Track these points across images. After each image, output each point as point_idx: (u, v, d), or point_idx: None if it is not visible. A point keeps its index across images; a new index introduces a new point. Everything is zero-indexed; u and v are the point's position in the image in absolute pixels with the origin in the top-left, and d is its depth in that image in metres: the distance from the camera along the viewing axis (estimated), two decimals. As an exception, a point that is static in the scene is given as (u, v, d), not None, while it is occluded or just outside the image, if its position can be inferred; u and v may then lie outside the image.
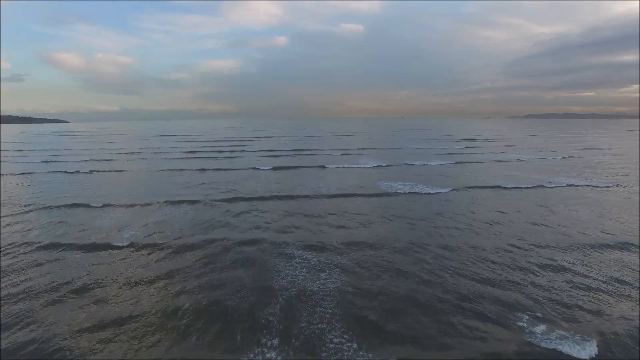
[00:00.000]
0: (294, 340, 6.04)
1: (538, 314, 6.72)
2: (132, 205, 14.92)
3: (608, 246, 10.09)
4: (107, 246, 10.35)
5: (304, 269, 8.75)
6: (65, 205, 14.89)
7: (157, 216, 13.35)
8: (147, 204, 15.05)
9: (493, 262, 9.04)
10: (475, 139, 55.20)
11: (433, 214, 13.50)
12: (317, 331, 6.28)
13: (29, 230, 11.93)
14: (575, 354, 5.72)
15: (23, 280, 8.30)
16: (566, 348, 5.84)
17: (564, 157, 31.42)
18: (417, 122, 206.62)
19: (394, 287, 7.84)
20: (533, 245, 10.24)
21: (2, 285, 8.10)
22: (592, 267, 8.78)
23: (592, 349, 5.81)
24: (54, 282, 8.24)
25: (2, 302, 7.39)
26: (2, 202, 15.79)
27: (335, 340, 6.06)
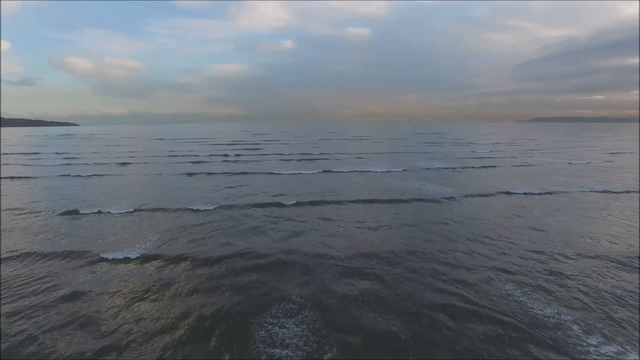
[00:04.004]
0: None
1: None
2: (161, 211, 14.05)
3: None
4: (135, 257, 9.18)
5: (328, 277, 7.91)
6: (74, 212, 13.80)
7: (179, 223, 12.26)
8: (168, 210, 13.95)
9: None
10: (497, 143, 53.60)
11: (468, 220, 12.61)
12: None
13: (46, 237, 10.89)
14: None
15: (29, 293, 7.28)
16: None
17: (589, 162, 29.63)
18: (428, 125, 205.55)
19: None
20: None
21: (11, 296, 7.33)
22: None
23: None
24: (63, 291, 7.52)
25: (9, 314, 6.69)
26: (17, 207, 14.86)
27: None
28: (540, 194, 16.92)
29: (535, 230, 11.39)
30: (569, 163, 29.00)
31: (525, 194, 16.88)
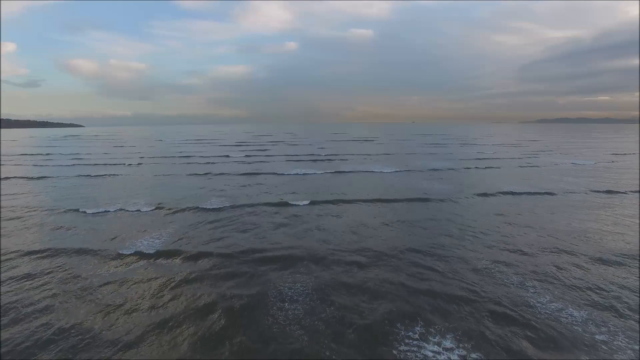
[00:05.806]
0: None
1: None
2: (177, 209, 14.41)
3: None
4: (151, 255, 9.63)
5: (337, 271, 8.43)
6: (91, 210, 14.35)
7: (195, 220, 12.71)
8: (183, 209, 14.41)
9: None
10: (501, 144, 53.89)
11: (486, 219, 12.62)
12: None
13: (66, 234, 11.39)
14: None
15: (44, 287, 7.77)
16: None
17: (593, 163, 29.86)
18: (432, 127, 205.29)
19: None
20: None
21: (21, 293, 7.72)
22: None
23: None
24: (75, 287, 7.93)
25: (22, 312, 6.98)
26: (37, 205, 15.46)
27: None
28: (542, 193, 17.22)
29: (536, 229, 11.71)
30: (573, 163, 29.31)
31: (528, 193, 17.22)
